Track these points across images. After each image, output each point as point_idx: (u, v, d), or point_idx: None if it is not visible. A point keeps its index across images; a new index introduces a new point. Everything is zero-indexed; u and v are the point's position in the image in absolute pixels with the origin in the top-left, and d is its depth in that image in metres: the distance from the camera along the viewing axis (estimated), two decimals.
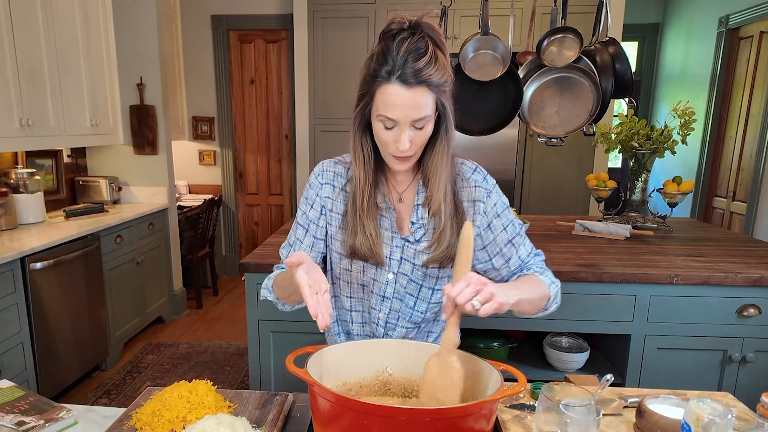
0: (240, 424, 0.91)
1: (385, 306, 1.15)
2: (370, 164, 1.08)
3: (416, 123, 0.98)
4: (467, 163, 1.16)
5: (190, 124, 4.87)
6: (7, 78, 2.62)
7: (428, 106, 0.98)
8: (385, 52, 0.96)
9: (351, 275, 1.16)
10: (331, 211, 1.16)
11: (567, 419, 0.80)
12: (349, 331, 1.22)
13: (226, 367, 3.22)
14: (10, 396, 1.06)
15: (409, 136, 0.99)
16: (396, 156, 1.03)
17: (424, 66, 0.94)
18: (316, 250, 1.18)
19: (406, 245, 1.12)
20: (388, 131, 1.00)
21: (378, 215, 1.11)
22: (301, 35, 4.13)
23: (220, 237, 5.02)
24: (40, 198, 3.03)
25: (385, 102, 0.97)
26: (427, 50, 0.94)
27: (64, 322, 2.75)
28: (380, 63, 0.96)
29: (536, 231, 2.50)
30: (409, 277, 1.13)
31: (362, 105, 1.03)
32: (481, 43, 2.25)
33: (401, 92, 0.95)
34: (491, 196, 1.14)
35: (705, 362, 1.90)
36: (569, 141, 2.59)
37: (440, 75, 0.97)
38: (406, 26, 0.96)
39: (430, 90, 0.97)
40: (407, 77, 0.94)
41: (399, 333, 1.17)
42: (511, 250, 1.15)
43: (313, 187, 1.17)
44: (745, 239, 2.39)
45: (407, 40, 0.95)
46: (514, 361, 2.09)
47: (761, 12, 3.80)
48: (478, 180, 1.14)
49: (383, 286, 1.14)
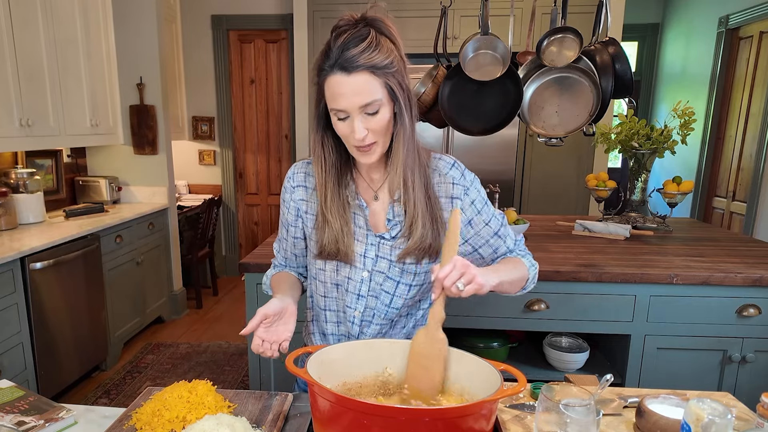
0: (240, 424, 0.91)
1: (360, 304, 1.15)
2: (331, 162, 1.09)
3: (366, 109, 0.98)
4: (445, 159, 1.15)
5: (190, 124, 4.87)
6: (7, 78, 2.62)
7: (374, 90, 0.98)
8: (327, 47, 0.98)
9: (325, 274, 1.16)
10: (306, 212, 1.17)
11: (567, 419, 0.80)
12: (324, 331, 1.22)
13: (226, 367, 3.22)
14: (10, 396, 1.06)
15: (363, 124, 0.99)
16: (357, 147, 1.03)
17: (363, 50, 0.95)
18: (299, 248, 1.24)
19: (381, 242, 1.12)
20: (343, 123, 1.01)
21: (350, 213, 1.12)
22: (301, 35, 4.14)
23: (220, 237, 5.02)
24: (40, 198, 3.03)
25: (332, 93, 0.98)
26: (368, 36, 0.96)
27: (64, 322, 2.75)
28: (323, 58, 0.99)
29: (536, 231, 2.50)
30: (386, 274, 1.13)
31: (316, 101, 1.05)
32: (481, 43, 2.25)
33: (343, 80, 0.96)
34: (469, 193, 1.13)
35: (705, 362, 1.90)
36: (569, 141, 2.59)
37: (383, 57, 0.97)
38: (351, 22, 0.98)
39: (374, 74, 0.97)
40: (346, 63, 0.95)
41: (374, 330, 1.17)
42: (498, 242, 1.18)
43: (286, 191, 1.19)
44: (745, 239, 2.39)
45: (347, 32, 0.97)
46: (514, 361, 2.09)
47: (761, 12, 3.80)
48: (456, 177, 1.13)
49: (358, 285, 1.14)
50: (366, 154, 1.04)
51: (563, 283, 1.86)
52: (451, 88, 2.28)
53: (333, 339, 1.21)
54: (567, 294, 1.88)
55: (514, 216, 2.35)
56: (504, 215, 1.21)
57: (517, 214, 2.41)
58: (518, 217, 2.40)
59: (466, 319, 1.91)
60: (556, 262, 1.94)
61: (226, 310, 4.25)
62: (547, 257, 2.00)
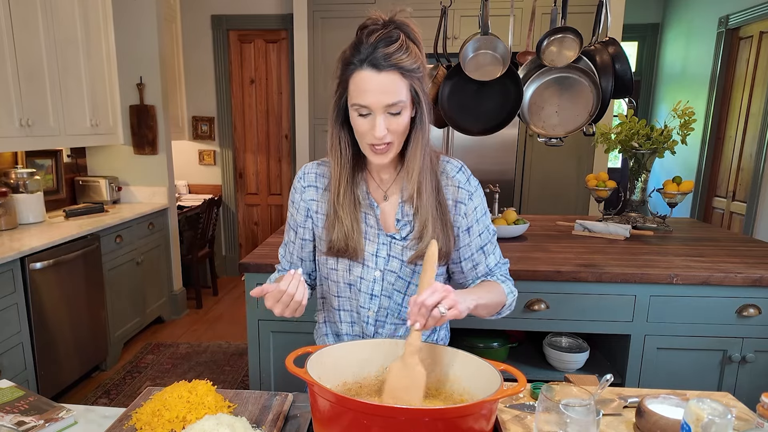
0: (240, 424, 0.91)
1: (373, 304, 1.15)
2: (347, 158, 1.09)
3: (390, 108, 0.99)
4: (453, 162, 1.16)
5: (190, 124, 4.87)
6: (7, 78, 2.62)
7: (401, 91, 0.99)
8: (358, 42, 0.99)
9: (337, 274, 1.16)
10: (316, 213, 1.17)
11: (567, 419, 0.80)
12: (338, 332, 1.22)
13: (226, 367, 3.22)
14: (9, 396, 1.06)
15: (385, 123, 1.00)
16: (373, 145, 1.03)
17: (395, 51, 0.97)
18: (306, 250, 1.22)
19: (392, 242, 1.12)
20: (363, 120, 1.01)
21: (360, 212, 1.12)
22: (301, 35, 4.13)
23: (219, 237, 5.02)
24: (40, 198, 3.03)
25: (358, 88, 0.99)
26: (399, 38, 0.98)
27: (64, 322, 2.75)
28: (353, 52, 0.99)
29: (536, 231, 2.50)
30: (397, 274, 1.13)
31: (338, 95, 1.05)
32: (481, 43, 2.25)
33: (372, 77, 0.97)
34: (473, 199, 1.15)
35: (705, 362, 1.90)
36: (569, 141, 2.59)
37: (412, 61, 0.99)
38: (380, 22, 1.00)
39: (402, 75, 0.98)
40: (377, 61, 0.96)
41: (388, 330, 1.17)
42: (480, 257, 1.18)
43: (297, 191, 1.19)
44: (745, 239, 2.39)
45: (379, 31, 0.98)
46: (513, 361, 2.09)
47: (761, 12, 3.80)
48: (461, 181, 1.15)
49: (371, 284, 1.14)
50: (380, 154, 1.04)
51: (563, 283, 1.86)
52: (451, 88, 2.28)
53: (347, 339, 1.21)
54: (567, 294, 1.88)
55: (514, 216, 2.35)
56: (496, 231, 1.22)
57: (517, 214, 2.41)
58: (518, 217, 2.40)
59: (466, 319, 1.90)
60: (556, 262, 1.94)
61: (226, 310, 4.25)
62: (547, 257, 2.00)
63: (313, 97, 4.22)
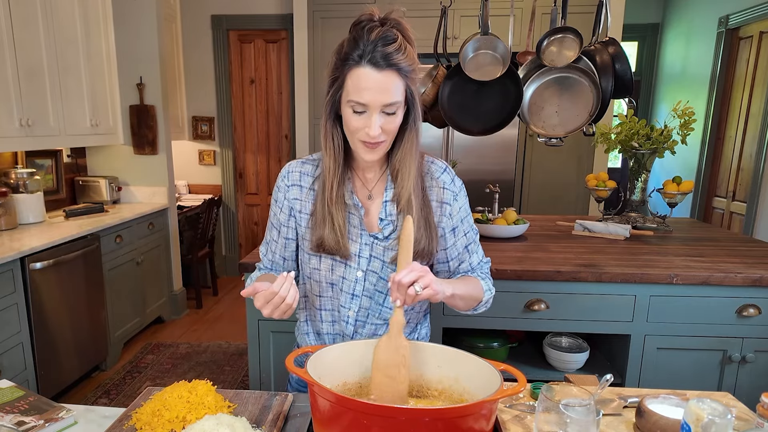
0: (240, 424, 0.91)
1: (354, 304, 1.15)
2: (340, 154, 1.08)
3: (386, 108, 0.99)
4: (437, 162, 1.17)
5: (190, 124, 4.87)
6: (7, 78, 2.62)
7: (398, 91, 0.99)
8: (356, 38, 0.98)
9: (320, 274, 1.16)
10: (300, 212, 1.16)
11: (567, 419, 0.80)
12: (319, 331, 1.22)
13: (226, 367, 3.22)
14: (9, 396, 1.06)
15: (380, 122, 0.99)
16: (365, 142, 1.02)
17: (394, 51, 0.96)
18: (289, 250, 1.21)
19: (375, 242, 1.12)
20: (358, 117, 1.00)
21: (346, 211, 1.11)
22: (301, 35, 4.14)
23: (219, 237, 5.02)
24: (40, 198, 3.03)
25: (356, 85, 0.98)
26: (397, 38, 0.97)
27: (64, 322, 2.75)
28: (351, 48, 0.98)
29: (536, 231, 2.50)
30: (378, 274, 1.13)
31: (333, 91, 1.03)
32: (481, 43, 2.25)
33: (372, 75, 0.97)
34: (458, 199, 1.16)
35: (705, 362, 1.90)
36: (569, 141, 2.59)
37: (409, 62, 0.99)
38: (376, 18, 0.99)
39: (400, 75, 0.98)
40: (377, 60, 0.96)
41: (368, 330, 1.17)
42: (464, 255, 1.19)
43: (280, 189, 1.18)
44: (745, 239, 2.39)
45: (377, 29, 0.97)
46: (513, 361, 2.09)
47: (761, 12, 3.80)
48: (446, 181, 1.15)
49: (352, 284, 1.14)
50: (372, 150, 1.04)
51: (563, 283, 1.86)
52: (451, 88, 2.28)
53: (328, 338, 1.21)
54: (567, 294, 1.88)
55: (514, 216, 2.35)
56: (477, 230, 1.23)
57: (517, 214, 2.41)
58: (518, 217, 2.40)
59: (466, 319, 1.91)
60: (556, 262, 1.94)
61: (226, 310, 4.25)
62: (547, 257, 2.00)
63: (313, 97, 4.22)
